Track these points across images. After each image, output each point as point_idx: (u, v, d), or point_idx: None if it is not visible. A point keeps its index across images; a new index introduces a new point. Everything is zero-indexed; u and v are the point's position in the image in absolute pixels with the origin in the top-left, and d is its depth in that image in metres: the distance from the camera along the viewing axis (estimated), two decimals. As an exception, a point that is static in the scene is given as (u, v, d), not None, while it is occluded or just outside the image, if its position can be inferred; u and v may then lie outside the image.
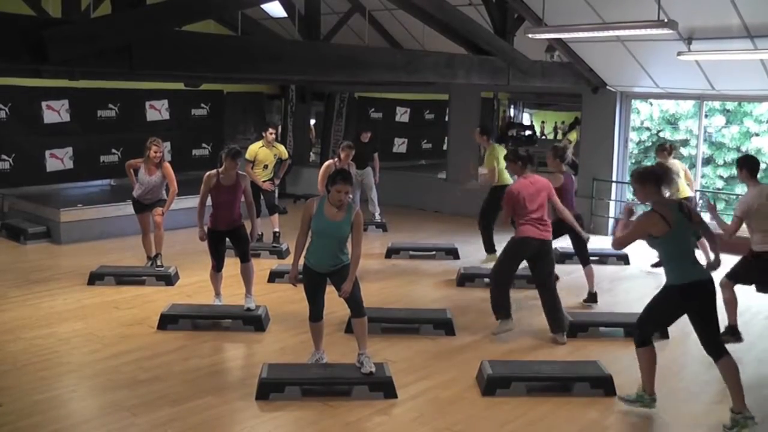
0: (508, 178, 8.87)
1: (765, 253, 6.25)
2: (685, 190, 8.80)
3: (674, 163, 8.81)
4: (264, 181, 9.91)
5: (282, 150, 10.23)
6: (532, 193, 6.58)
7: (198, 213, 7.07)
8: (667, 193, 4.96)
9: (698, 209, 6.39)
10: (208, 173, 7.06)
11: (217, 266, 7.17)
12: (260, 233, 10.09)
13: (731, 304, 6.51)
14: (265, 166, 9.96)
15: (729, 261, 6.23)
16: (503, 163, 8.44)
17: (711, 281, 4.92)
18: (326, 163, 9.11)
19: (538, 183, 6.68)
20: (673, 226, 4.79)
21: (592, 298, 7.80)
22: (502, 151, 9.16)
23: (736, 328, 6.61)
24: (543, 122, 20.82)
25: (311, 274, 5.53)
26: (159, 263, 8.51)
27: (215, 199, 7.01)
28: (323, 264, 5.47)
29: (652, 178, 4.90)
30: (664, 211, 4.83)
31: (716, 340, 4.95)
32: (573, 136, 14.65)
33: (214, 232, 7.03)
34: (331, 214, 5.36)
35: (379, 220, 11.61)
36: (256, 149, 9.91)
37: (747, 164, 6.48)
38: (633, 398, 5.22)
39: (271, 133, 9.98)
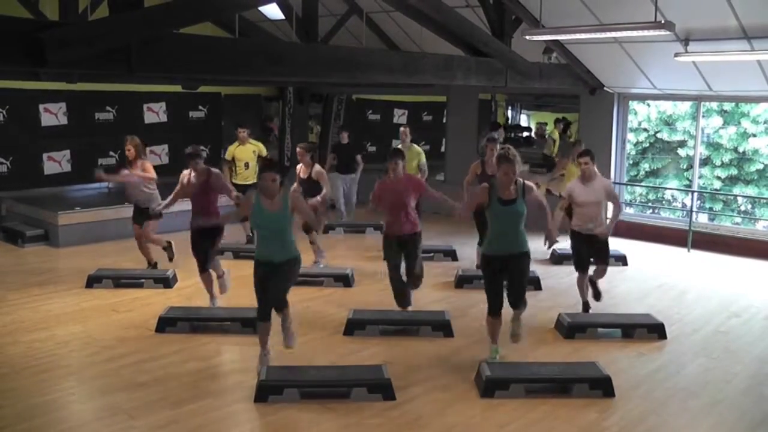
0: None
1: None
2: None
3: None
4: (250, 184, 9.84)
5: (261, 147, 10.51)
6: None
7: (168, 202, 7.68)
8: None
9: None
10: (183, 172, 7.42)
11: (201, 266, 7.22)
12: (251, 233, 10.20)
13: (582, 286, 7.36)
14: (247, 165, 10.20)
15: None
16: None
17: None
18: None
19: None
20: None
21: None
22: None
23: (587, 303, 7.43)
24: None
25: (261, 267, 5.64)
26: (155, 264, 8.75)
27: (190, 195, 7.29)
28: (274, 255, 5.60)
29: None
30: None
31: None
32: (551, 129, 14.83)
33: (193, 230, 7.20)
34: (268, 206, 5.54)
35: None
36: (233, 149, 10.30)
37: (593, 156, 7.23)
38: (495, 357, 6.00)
39: (240, 132, 10.27)
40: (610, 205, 7.36)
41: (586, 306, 7.38)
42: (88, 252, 9.89)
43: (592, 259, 7.24)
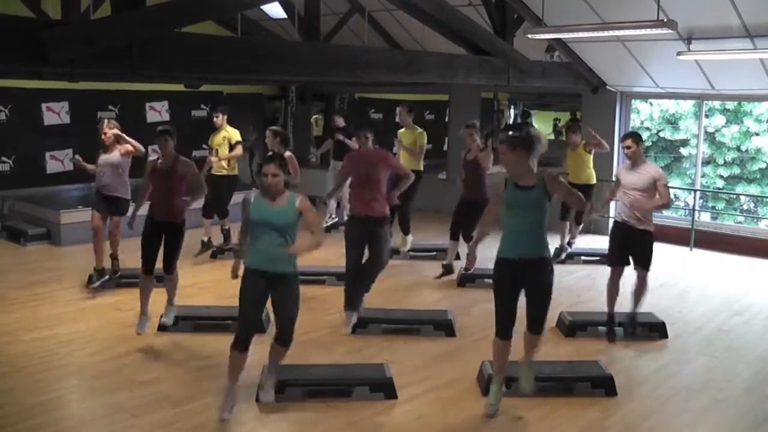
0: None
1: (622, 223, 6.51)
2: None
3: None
4: (221, 175, 9.48)
5: (232, 133, 9.55)
6: None
7: (138, 204, 6.86)
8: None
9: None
10: (150, 159, 6.80)
11: (146, 267, 6.37)
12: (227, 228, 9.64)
13: (612, 292, 6.64)
14: (216, 152, 9.51)
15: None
16: None
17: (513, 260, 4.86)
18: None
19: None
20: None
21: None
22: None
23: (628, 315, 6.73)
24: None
25: (251, 277, 4.90)
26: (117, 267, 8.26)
27: (153, 184, 6.56)
28: (264, 263, 4.86)
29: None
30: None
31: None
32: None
33: (151, 223, 6.43)
34: (269, 203, 4.86)
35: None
36: (212, 137, 9.65)
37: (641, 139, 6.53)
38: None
39: (217, 117, 9.56)
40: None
41: (612, 320, 6.61)
42: (89, 251, 9.85)
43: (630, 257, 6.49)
